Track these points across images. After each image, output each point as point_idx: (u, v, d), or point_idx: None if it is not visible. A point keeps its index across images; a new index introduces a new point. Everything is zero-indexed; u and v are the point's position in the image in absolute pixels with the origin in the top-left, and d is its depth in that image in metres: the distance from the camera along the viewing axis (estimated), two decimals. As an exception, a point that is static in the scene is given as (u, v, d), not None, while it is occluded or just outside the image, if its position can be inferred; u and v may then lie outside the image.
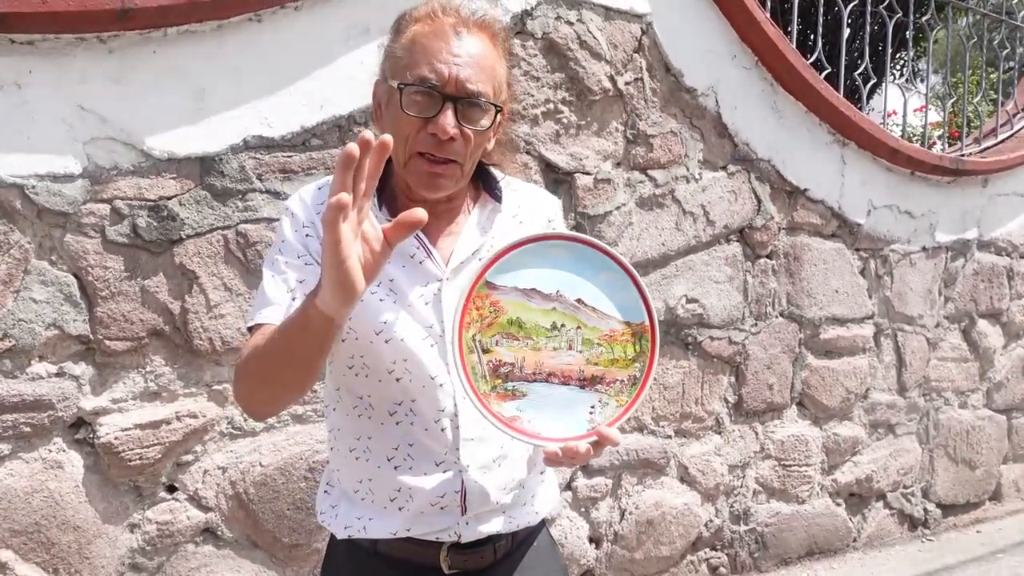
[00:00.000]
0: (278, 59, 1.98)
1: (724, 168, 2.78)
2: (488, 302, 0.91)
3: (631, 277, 0.93)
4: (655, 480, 2.71)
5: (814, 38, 3.10)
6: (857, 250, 3.15)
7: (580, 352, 0.92)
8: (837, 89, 3.05)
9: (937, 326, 3.43)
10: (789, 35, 2.97)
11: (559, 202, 1.17)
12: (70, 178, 1.79)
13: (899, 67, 6.12)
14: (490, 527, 1.04)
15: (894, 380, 3.31)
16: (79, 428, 1.86)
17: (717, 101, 2.72)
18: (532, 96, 2.37)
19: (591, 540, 2.61)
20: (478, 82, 0.96)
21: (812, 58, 3.00)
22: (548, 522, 1.19)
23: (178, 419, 1.94)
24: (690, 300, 2.72)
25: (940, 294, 3.44)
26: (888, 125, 3.50)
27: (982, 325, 3.60)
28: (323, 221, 0.75)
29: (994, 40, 3.83)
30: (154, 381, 1.92)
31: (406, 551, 1.03)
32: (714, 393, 2.81)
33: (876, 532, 3.30)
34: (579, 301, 0.93)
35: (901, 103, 3.63)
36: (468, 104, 0.96)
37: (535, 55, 2.37)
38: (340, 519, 1.06)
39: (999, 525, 3.59)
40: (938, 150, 3.65)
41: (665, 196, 2.66)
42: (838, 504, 3.18)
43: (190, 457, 1.97)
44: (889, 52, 3.56)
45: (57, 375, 1.82)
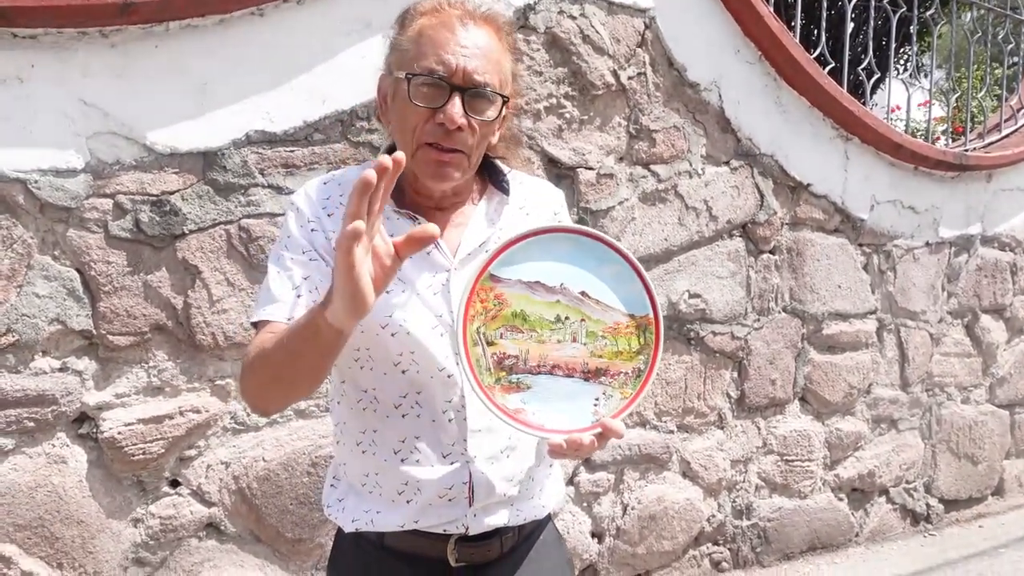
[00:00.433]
0: (280, 53, 1.97)
1: (727, 163, 2.77)
2: (492, 295, 0.91)
3: (635, 270, 0.93)
4: (657, 475, 2.71)
5: (818, 33, 3.09)
6: (860, 245, 3.14)
7: (584, 344, 0.92)
8: (841, 84, 3.04)
9: (940, 321, 3.43)
10: (793, 30, 2.96)
11: (562, 194, 1.17)
12: (72, 173, 1.79)
13: (903, 62, 6.10)
14: (497, 519, 1.04)
15: (897, 375, 3.30)
16: (82, 423, 1.86)
17: (720, 96, 2.71)
18: (535, 91, 2.36)
19: (593, 535, 2.61)
20: (485, 73, 0.97)
21: (816, 53, 2.99)
22: (553, 516, 1.20)
23: (181, 414, 1.94)
24: (693, 295, 2.72)
25: (943, 289, 3.43)
26: (892, 120, 3.49)
27: (985, 320, 3.59)
28: (337, 245, 0.76)
29: (999, 35, 3.81)
30: (157, 376, 1.92)
31: (413, 544, 1.03)
32: (716, 388, 2.81)
33: (878, 527, 3.30)
34: (583, 294, 0.93)
35: (905, 98, 3.61)
36: (475, 95, 0.96)
37: (538, 50, 2.36)
38: (348, 512, 1.06)
39: (1002, 520, 3.58)
40: (942, 145, 3.63)
41: (668, 191, 2.65)
42: (840, 499, 3.18)
43: (193, 452, 1.97)
44: (893, 47, 3.55)
45: (60, 370, 1.82)
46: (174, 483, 1.97)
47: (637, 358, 0.94)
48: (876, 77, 3.42)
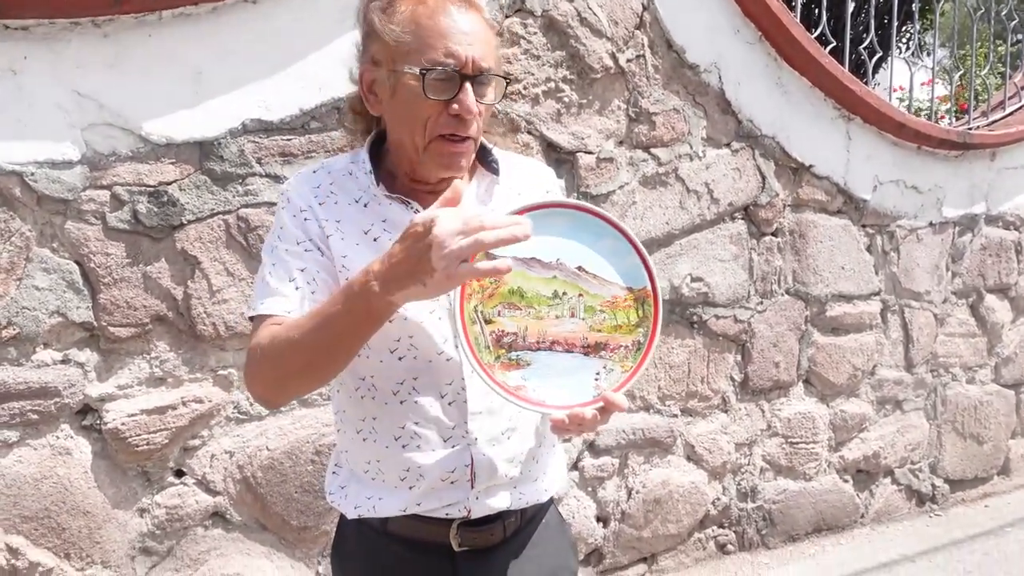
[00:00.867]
0: (274, 41, 1.96)
1: (728, 145, 2.75)
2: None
3: (631, 243, 0.93)
4: (662, 459, 2.71)
5: (818, 12, 3.05)
6: (863, 226, 3.12)
7: (583, 319, 0.92)
8: (842, 63, 3.01)
9: (944, 302, 3.41)
10: (793, 9, 2.92)
11: (554, 173, 1.16)
12: (69, 164, 1.79)
13: (905, 40, 6.04)
14: (499, 502, 1.04)
15: (901, 356, 3.29)
16: (86, 414, 1.87)
17: (720, 77, 2.68)
18: (532, 75, 2.34)
19: (598, 519, 2.62)
20: (487, 58, 0.97)
21: (816, 32, 2.95)
22: (556, 501, 1.19)
23: (184, 404, 1.94)
24: (695, 279, 2.70)
25: (947, 269, 3.41)
26: (895, 100, 3.46)
27: (990, 300, 3.57)
28: (451, 278, 0.80)
29: (1002, 12, 3.76)
30: (159, 367, 1.92)
31: (416, 529, 1.03)
32: (720, 371, 2.80)
33: (884, 508, 3.30)
34: (580, 268, 0.92)
35: (907, 77, 3.57)
36: (480, 81, 0.97)
37: (535, 33, 2.34)
38: (350, 499, 1.06)
39: (1007, 499, 3.58)
40: (946, 124, 3.60)
41: (668, 174, 2.63)
42: (845, 481, 3.18)
43: (197, 442, 1.98)
44: (895, 25, 3.51)
45: (62, 362, 1.82)
46: (179, 473, 1.97)
47: (636, 331, 0.93)
48: (878, 56, 3.38)
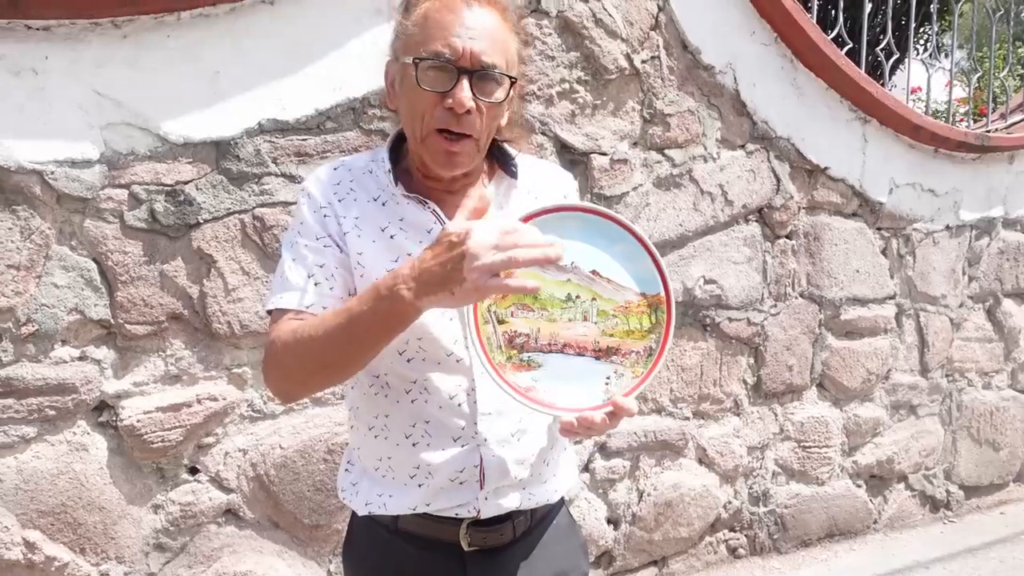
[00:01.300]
0: (291, 42, 1.97)
1: (742, 147, 2.74)
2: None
3: (646, 248, 0.93)
4: (673, 462, 2.70)
5: (835, 13, 3.03)
6: (879, 229, 3.09)
7: (595, 323, 0.92)
8: (859, 65, 2.99)
9: (961, 306, 3.37)
10: (809, 10, 2.91)
11: (573, 178, 1.16)
12: (88, 163, 1.81)
13: (923, 42, 5.99)
14: (509, 502, 1.04)
15: (916, 361, 3.26)
16: (102, 411, 1.89)
17: (735, 78, 2.67)
18: (547, 76, 2.35)
19: (609, 521, 2.61)
20: (492, 54, 0.96)
21: (833, 33, 2.93)
22: (567, 502, 1.19)
23: (199, 402, 1.96)
24: (708, 281, 2.69)
25: (964, 273, 3.38)
26: (913, 101, 3.43)
27: (1007, 305, 3.53)
28: (480, 290, 0.82)
29: (1021, 13, 3.73)
30: (174, 364, 1.94)
31: (426, 528, 1.04)
32: (732, 375, 2.79)
33: (897, 514, 3.27)
34: (594, 272, 0.92)
35: (925, 79, 3.54)
36: (482, 77, 0.95)
37: (550, 34, 2.34)
38: (361, 496, 1.07)
39: (1024, 507, 3.54)
40: (964, 127, 3.56)
41: (683, 176, 2.63)
42: (859, 486, 3.16)
43: (211, 439, 1.99)
44: (912, 27, 3.48)
45: (80, 359, 1.84)
46: (193, 470, 1.99)
47: (649, 337, 0.93)
48: (895, 58, 3.35)
